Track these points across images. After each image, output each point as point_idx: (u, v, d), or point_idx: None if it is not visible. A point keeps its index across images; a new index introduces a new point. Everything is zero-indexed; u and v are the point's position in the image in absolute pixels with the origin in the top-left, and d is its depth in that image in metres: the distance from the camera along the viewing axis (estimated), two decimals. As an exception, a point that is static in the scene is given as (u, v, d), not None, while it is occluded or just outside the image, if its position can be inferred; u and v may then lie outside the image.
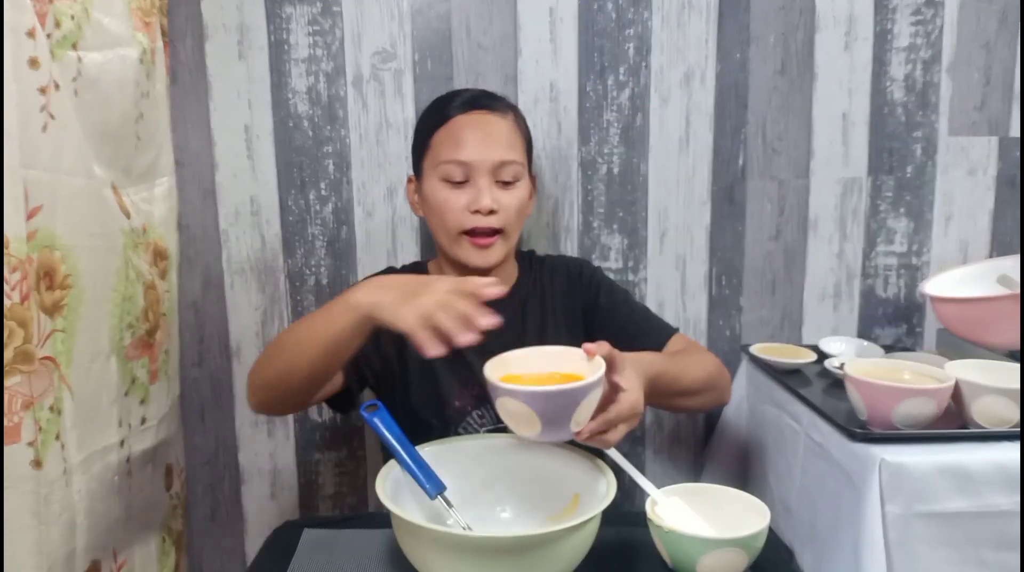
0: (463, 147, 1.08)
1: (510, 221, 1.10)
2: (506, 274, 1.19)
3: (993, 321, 1.21)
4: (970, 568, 0.98)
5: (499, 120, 1.10)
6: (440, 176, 1.09)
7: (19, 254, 0.84)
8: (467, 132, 1.08)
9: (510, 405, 0.81)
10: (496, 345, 1.14)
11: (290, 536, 0.98)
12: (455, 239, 1.10)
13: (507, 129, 1.11)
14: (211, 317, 1.42)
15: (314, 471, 1.48)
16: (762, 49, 1.42)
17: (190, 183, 1.38)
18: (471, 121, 1.09)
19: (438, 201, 1.09)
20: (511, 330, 1.16)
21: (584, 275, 1.21)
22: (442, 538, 0.76)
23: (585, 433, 0.83)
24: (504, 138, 1.09)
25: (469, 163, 1.07)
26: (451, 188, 1.09)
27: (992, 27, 1.43)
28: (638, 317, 1.18)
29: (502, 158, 1.08)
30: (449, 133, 1.09)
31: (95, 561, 1.02)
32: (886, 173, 1.47)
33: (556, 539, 0.75)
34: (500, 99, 1.14)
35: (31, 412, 0.86)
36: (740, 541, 0.80)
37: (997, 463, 0.96)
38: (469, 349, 1.12)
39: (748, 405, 1.39)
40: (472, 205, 1.07)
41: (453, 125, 1.09)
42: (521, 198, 1.11)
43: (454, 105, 1.11)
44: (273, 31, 1.35)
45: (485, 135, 1.08)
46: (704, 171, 1.45)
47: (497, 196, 1.08)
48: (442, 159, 1.08)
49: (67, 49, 0.97)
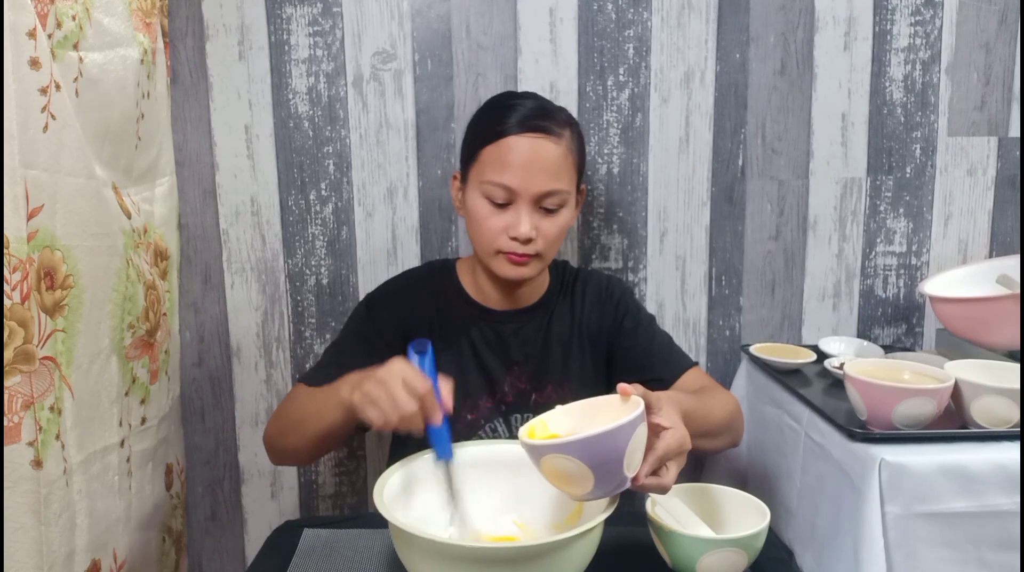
0: (509, 171, 1.03)
1: (549, 246, 1.08)
2: (537, 283, 1.18)
3: (993, 321, 1.21)
4: (970, 568, 0.98)
5: (552, 146, 1.05)
6: (483, 193, 1.06)
7: (19, 254, 0.84)
8: (516, 157, 1.03)
9: (556, 463, 0.74)
10: (520, 354, 1.15)
11: (290, 536, 0.98)
12: (490, 254, 1.08)
13: (559, 155, 1.05)
14: (211, 317, 1.42)
15: (314, 471, 1.48)
16: (762, 49, 1.42)
17: (190, 183, 1.38)
18: (523, 145, 1.04)
19: (478, 216, 1.07)
20: (536, 340, 1.17)
21: (614, 294, 1.19)
22: (442, 549, 0.74)
23: (641, 476, 0.78)
24: (553, 167, 1.05)
25: (513, 189, 1.04)
26: (492, 207, 1.06)
27: (992, 27, 1.43)
28: (659, 344, 1.17)
29: (547, 189, 1.04)
30: (498, 153, 1.04)
31: (95, 561, 1.02)
32: (885, 173, 1.47)
33: (556, 549, 0.74)
34: (557, 117, 1.07)
35: (31, 412, 0.86)
36: (740, 541, 0.80)
37: (997, 463, 0.96)
38: (490, 358, 1.14)
39: (748, 405, 1.39)
40: (511, 230, 1.04)
41: (504, 145, 1.04)
42: (562, 225, 1.08)
43: (510, 122, 1.05)
44: (273, 31, 1.35)
45: (534, 162, 1.04)
46: (704, 171, 1.45)
47: (538, 222, 1.05)
48: (487, 178, 1.05)
49: (68, 49, 0.97)
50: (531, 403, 1.14)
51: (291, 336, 1.43)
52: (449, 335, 1.14)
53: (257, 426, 1.45)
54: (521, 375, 1.15)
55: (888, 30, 1.42)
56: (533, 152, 1.04)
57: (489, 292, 1.16)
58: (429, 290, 1.17)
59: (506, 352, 1.15)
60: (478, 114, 1.13)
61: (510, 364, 1.15)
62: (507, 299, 1.16)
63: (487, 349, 1.14)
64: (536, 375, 1.15)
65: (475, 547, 0.75)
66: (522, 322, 1.16)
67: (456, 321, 1.15)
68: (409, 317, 1.14)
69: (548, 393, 1.15)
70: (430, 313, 1.15)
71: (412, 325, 1.13)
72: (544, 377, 1.15)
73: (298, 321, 1.43)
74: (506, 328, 1.16)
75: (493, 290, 1.16)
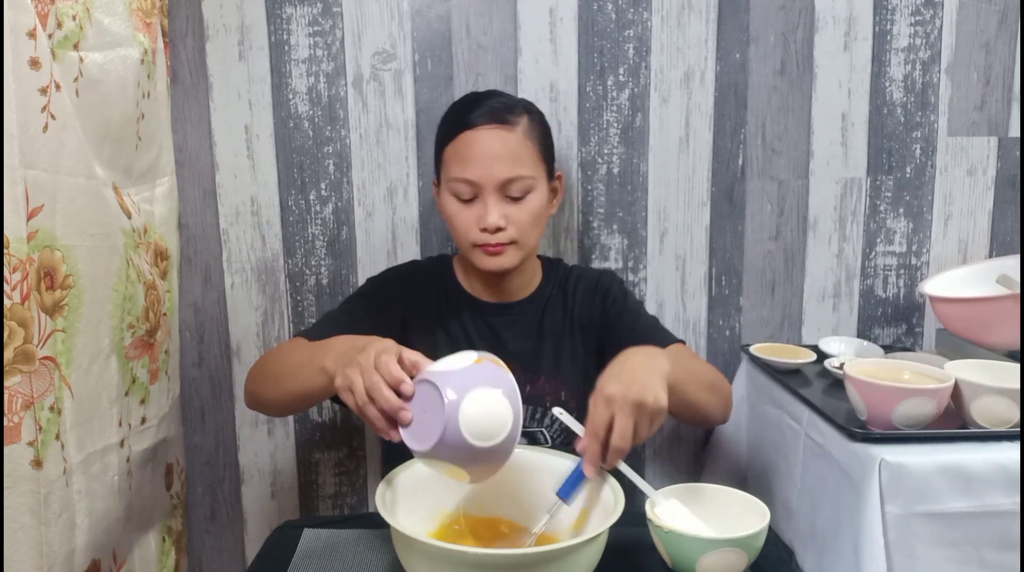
0: (469, 166, 1.07)
1: (522, 232, 1.10)
2: (526, 277, 1.20)
3: (993, 321, 1.21)
4: (970, 568, 0.98)
5: (507, 134, 1.08)
6: (451, 191, 1.10)
7: (19, 254, 0.84)
8: (473, 150, 1.07)
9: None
10: (515, 347, 1.16)
11: (290, 536, 0.98)
12: (468, 249, 1.12)
13: (515, 143, 1.08)
14: (211, 317, 1.42)
15: (314, 471, 1.48)
16: (762, 49, 1.42)
17: (190, 183, 1.38)
18: (477, 138, 1.07)
19: (450, 214, 1.12)
20: (530, 332, 1.19)
21: (602, 285, 1.21)
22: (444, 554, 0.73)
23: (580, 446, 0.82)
24: (511, 154, 1.07)
25: (475, 182, 1.07)
26: (461, 204, 1.10)
27: (991, 27, 1.43)
28: (644, 324, 1.17)
29: (508, 175, 1.07)
30: (456, 150, 1.09)
31: (95, 561, 1.02)
32: (885, 173, 1.47)
33: (559, 556, 0.73)
34: (511, 108, 1.10)
35: (31, 412, 0.86)
36: (740, 541, 0.80)
37: (997, 463, 0.96)
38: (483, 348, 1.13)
39: (748, 405, 1.40)
40: (480, 222, 1.08)
41: (460, 142, 1.08)
42: (533, 209, 1.10)
43: (463, 119, 1.09)
44: (273, 31, 1.35)
45: (490, 152, 1.07)
46: (704, 171, 1.45)
47: (506, 211, 1.08)
48: (452, 176, 1.09)
49: (68, 49, 0.97)
50: (525, 394, 1.14)
51: (291, 336, 1.43)
52: (447, 326, 1.17)
53: (257, 426, 1.45)
54: (515, 367, 1.15)
55: (888, 30, 1.42)
56: (487, 142, 1.07)
57: (480, 286, 1.19)
58: (430, 281, 1.20)
59: (500, 344, 1.16)
60: (440, 120, 1.17)
61: (504, 356, 1.14)
62: (498, 292, 1.19)
63: (481, 341, 1.16)
64: (529, 367, 1.16)
65: (477, 552, 0.75)
66: (515, 315, 1.19)
67: (452, 313, 1.18)
68: (413, 301, 1.17)
69: (541, 385, 1.16)
70: (429, 302, 1.18)
71: (414, 310, 1.16)
72: (537, 369, 1.17)
73: (298, 321, 1.43)
74: (500, 320, 1.18)
75: (482, 285, 1.19)
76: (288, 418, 1.45)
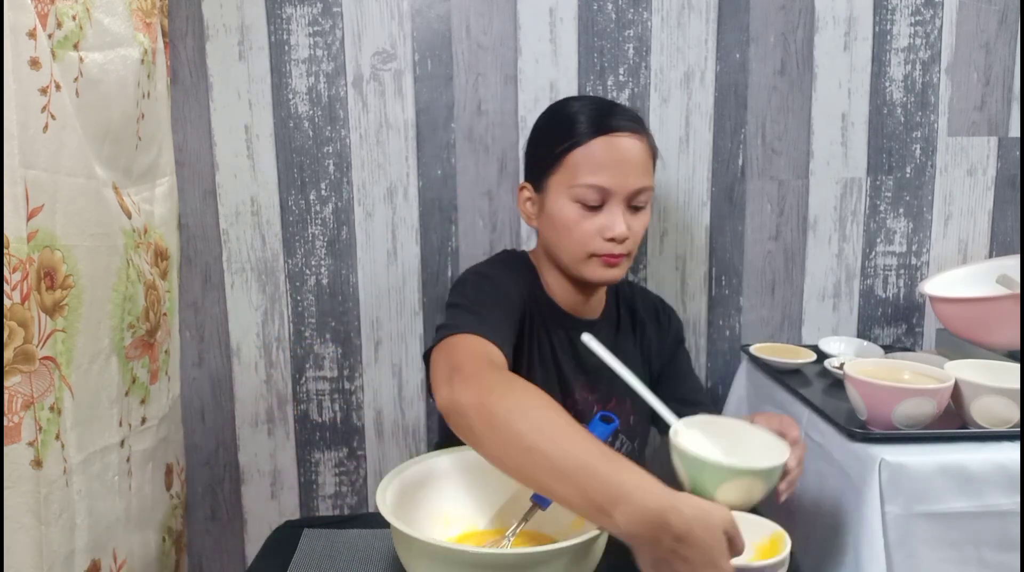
0: (603, 172, 1.03)
1: (636, 245, 1.08)
2: (601, 294, 1.18)
3: (993, 321, 1.21)
4: (971, 568, 0.98)
5: (636, 144, 1.05)
6: (573, 197, 1.05)
7: (19, 254, 0.84)
8: (611, 156, 1.04)
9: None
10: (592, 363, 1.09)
11: (290, 536, 0.98)
12: (582, 258, 1.07)
13: (643, 153, 1.06)
14: (211, 317, 1.42)
15: (314, 471, 1.48)
16: (762, 49, 1.42)
17: (190, 183, 1.38)
18: (611, 145, 1.04)
19: (567, 221, 1.06)
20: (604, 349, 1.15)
21: (673, 322, 1.25)
22: (444, 554, 0.73)
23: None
24: (641, 164, 1.06)
25: (608, 189, 1.03)
26: (584, 210, 1.05)
27: (991, 27, 1.43)
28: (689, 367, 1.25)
29: (639, 186, 1.05)
30: (590, 154, 1.04)
31: (95, 561, 1.02)
32: (885, 173, 1.47)
33: (557, 556, 0.73)
34: (634, 117, 1.09)
35: (31, 412, 0.86)
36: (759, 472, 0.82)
37: (997, 463, 0.96)
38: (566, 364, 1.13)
39: (748, 405, 1.40)
40: (606, 232, 1.04)
41: (593, 147, 1.04)
42: (646, 222, 1.09)
43: (596, 124, 1.05)
44: (273, 31, 1.35)
45: (627, 161, 1.04)
46: (704, 171, 1.45)
47: (629, 222, 1.05)
48: (579, 182, 1.04)
49: (68, 49, 0.97)
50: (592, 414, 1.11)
51: (291, 336, 1.43)
52: (535, 333, 1.12)
53: (257, 426, 1.45)
54: (589, 385, 1.14)
55: (888, 30, 1.42)
56: (625, 150, 1.04)
57: (565, 298, 1.14)
58: (527, 281, 1.13)
59: (580, 360, 1.13)
60: (550, 121, 1.12)
61: (583, 372, 1.14)
62: (583, 308, 1.15)
63: (564, 354, 1.13)
64: (604, 386, 1.14)
65: (478, 552, 0.75)
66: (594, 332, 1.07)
67: (539, 321, 1.12)
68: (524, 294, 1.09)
69: (612, 406, 1.14)
70: (527, 303, 1.10)
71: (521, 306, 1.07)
72: (611, 390, 1.14)
73: (298, 321, 1.43)
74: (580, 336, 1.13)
75: (570, 296, 1.14)
76: (288, 418, 1.45)
